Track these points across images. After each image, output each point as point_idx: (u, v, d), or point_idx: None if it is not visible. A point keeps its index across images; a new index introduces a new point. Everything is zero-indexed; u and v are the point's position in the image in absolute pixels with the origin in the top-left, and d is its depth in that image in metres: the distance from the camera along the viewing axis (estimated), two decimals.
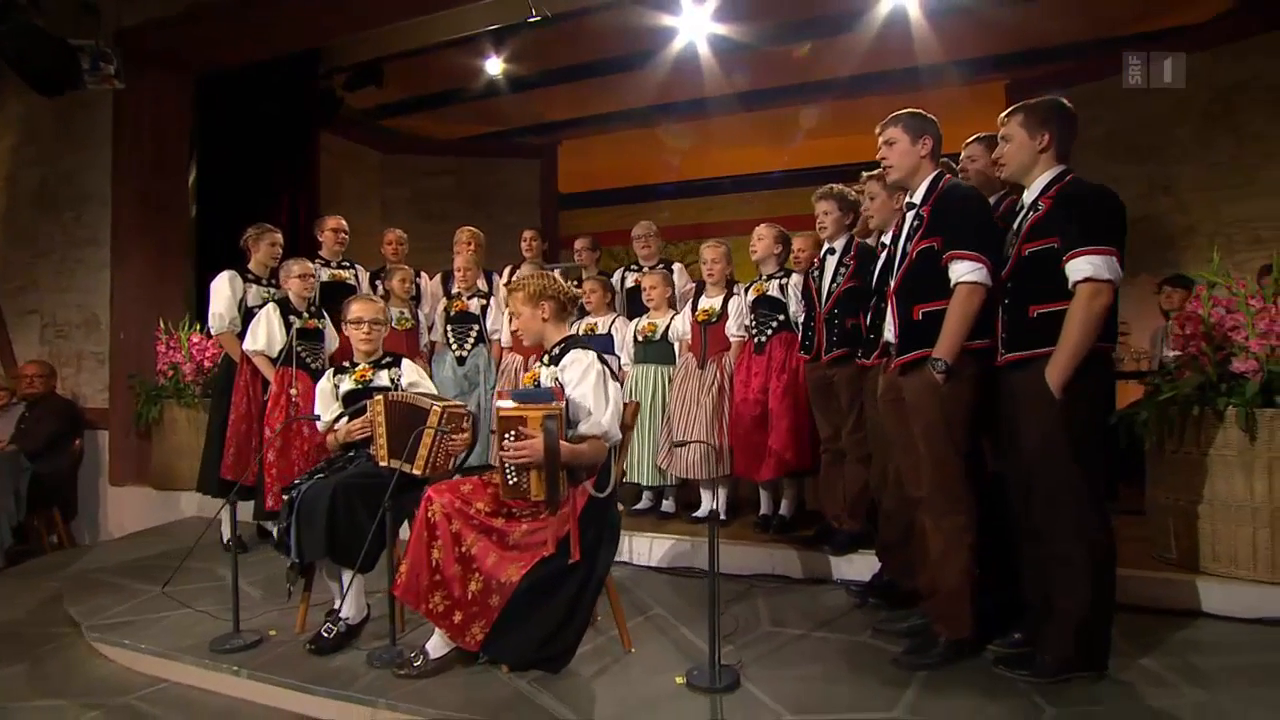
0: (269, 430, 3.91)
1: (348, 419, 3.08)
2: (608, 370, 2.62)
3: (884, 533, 3.14)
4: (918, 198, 2.63)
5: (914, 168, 2.62)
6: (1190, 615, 2.85)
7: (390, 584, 2.59)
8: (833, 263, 3.47)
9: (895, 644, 2.69)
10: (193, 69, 5.74)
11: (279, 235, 4.33)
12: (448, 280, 5.06)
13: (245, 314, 4.16)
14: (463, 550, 2.48)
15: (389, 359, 3.20)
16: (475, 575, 2.46)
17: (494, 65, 6.23)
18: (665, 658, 2.67)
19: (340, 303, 4.51)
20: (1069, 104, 2.46)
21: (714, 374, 4.00)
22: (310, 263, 4.19)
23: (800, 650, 2.71)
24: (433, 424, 2.77)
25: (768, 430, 3.80)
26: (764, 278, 3.97)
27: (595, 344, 4.48)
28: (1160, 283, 4.92)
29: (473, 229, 5.02)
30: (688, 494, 4.35)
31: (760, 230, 3.99)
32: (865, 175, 3.19)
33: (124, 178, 5.49)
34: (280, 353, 3.95)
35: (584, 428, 2.49)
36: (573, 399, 2.52)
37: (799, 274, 3.90)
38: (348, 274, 4.72)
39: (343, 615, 2.81)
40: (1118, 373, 4.40)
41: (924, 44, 5.85)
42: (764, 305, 3.91)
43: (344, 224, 4.67)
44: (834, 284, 3.43)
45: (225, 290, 4.12)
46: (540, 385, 2.70)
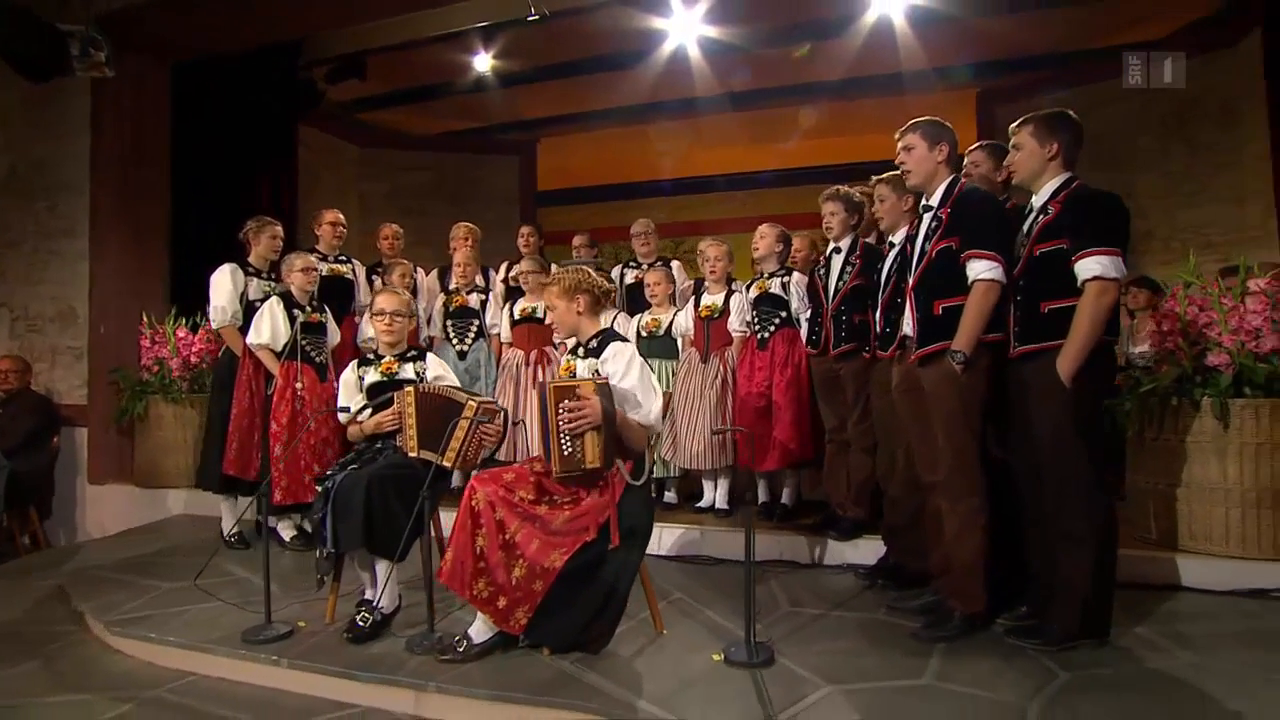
0: (275, 425, 3.90)
1: (371, 411, 3.12)
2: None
3: (890, 517, 3.32)
4: (934, 200, 2.80)
5: (931, 172, 2.80)
6: (1172, 589, 3.10)
7: (425, 573, 2.65)
8: (839, 261, 3.64)
9: (909, 620, 2.86)
10: (173, 56, 5.63)
11: (279, 228, 4.31)
12: (444, 275, 5.08)
13: (246, 308, 4.13)
14: (506, 537, 2.56)
15: (413, 352, 3.25)
16: (519, 561, 2.55)
17: (483, 62, 6.26)
18: (696, 638, 2.79)
19: (338, 298, 4.55)
20: (1075, 115, 2.66)
21: (717, 368, 4.14)
22: (312, 257, 4.19)
23: (822, 628, 2.86)
24: (468, 416, 2.83)
25: (771, 422, 3.95)
26: (765, 275, 4.11)
27: None
28: (1126, 284, 5.25)
29: (469, 225, 5.06)
30: (689, 485, 4.48)
31: (762, 230, 4.13)
32: (874, 179, 3.36)
33: (103, 166, 5.35)
34: (285, 347, 3.94)
35: (635, 416, 2.59)
36: (621, 390, 2.62)
37: (799, 272, 4.07)
38: (345, 268, 4.71)
39: (377, 605, 2.85)
40: None
41: (900, 52, 6.08)
42: (766, 302, 4.05)
43: (341, 218, 4.67)
44: (841, 281, 3.59)
45: (227, 283, 4.09)
46: (576, 376, 2.79)
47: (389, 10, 5.47)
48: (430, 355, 3.28)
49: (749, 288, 4.16)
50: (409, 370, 3.17)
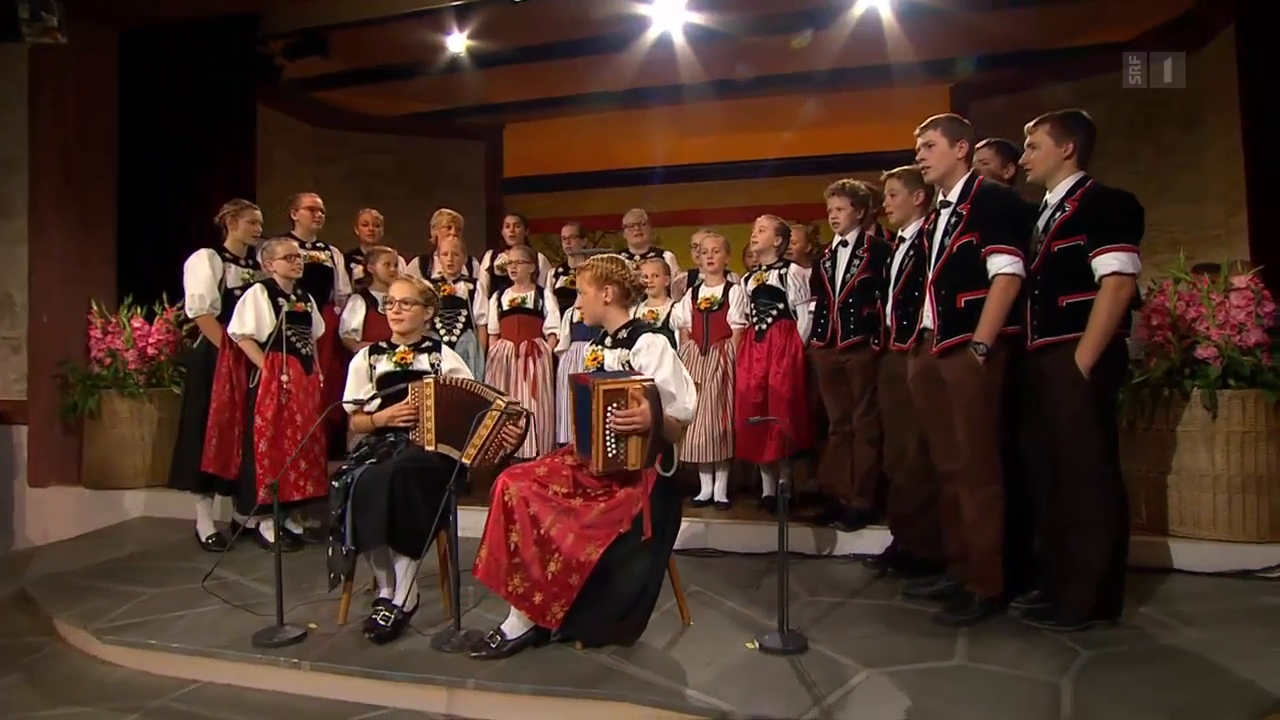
0: (259, 420, 3.84)
1: (382, 401, 3.12)
2: None
3: (897, 506, 3.50)
4: (953, 196, 2.98)
5: (950, 169, 2.97)
6: (1164, 571, 3.37)
7: (452, 570, 2.69)
8: (845, 255, 3.80)
9: (926, 606, 3.04)
10: (121, 23, 5.43)
11: (258, 212, 4.23)
12: (425, 264, 5.07)
13: (224, 296, 4.05)
14: (541, 532, 2.62)
15: (429, 343, 3.26)
16: (555, 556, 2.61)
17: (456, 42, 6.20)
18: (723, 628, 2.90)
19: (316, 286, 4.49)
20: (1089, 116, 2.87)
21: (717, 360, 4.27)
22: (295, 243, 4.13)
23: (844, 616, 3.01)
24: (495, 412, 2.87)
25: (769, 414, 4.09)
26: (763, 268, 4.25)
27: (594, 331, 4.68)
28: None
29: (452, 212, 5.05)
30: (686, 477, 4.59)
31: (761, 222, 4.27)
32: (884, 174, 3.52)
33: (43, 141, 5.13)
34: (269, 338, 3.88)
35: (669, 410, 2.68)
36: (655, 382, 2.70)
37: (797, 265, 4.23)
38: (323, 255, 4.65)
39: (396, 603, 2.87)
40: None
41: (875, 45, 6.32)
42: (764, 295, 4.19)
43: (319, 202, 4.59)
44: (848, 274, 3.75)
45: (204, 270, 3.99)
46: (605, 367, 2.86)
47: None
48: (446, 348, 3.30)
49: (747, 280, 4.29)
50: (424, 361, 3.18)
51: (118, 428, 4.91)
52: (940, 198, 3.04)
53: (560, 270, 5.09)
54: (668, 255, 4.90)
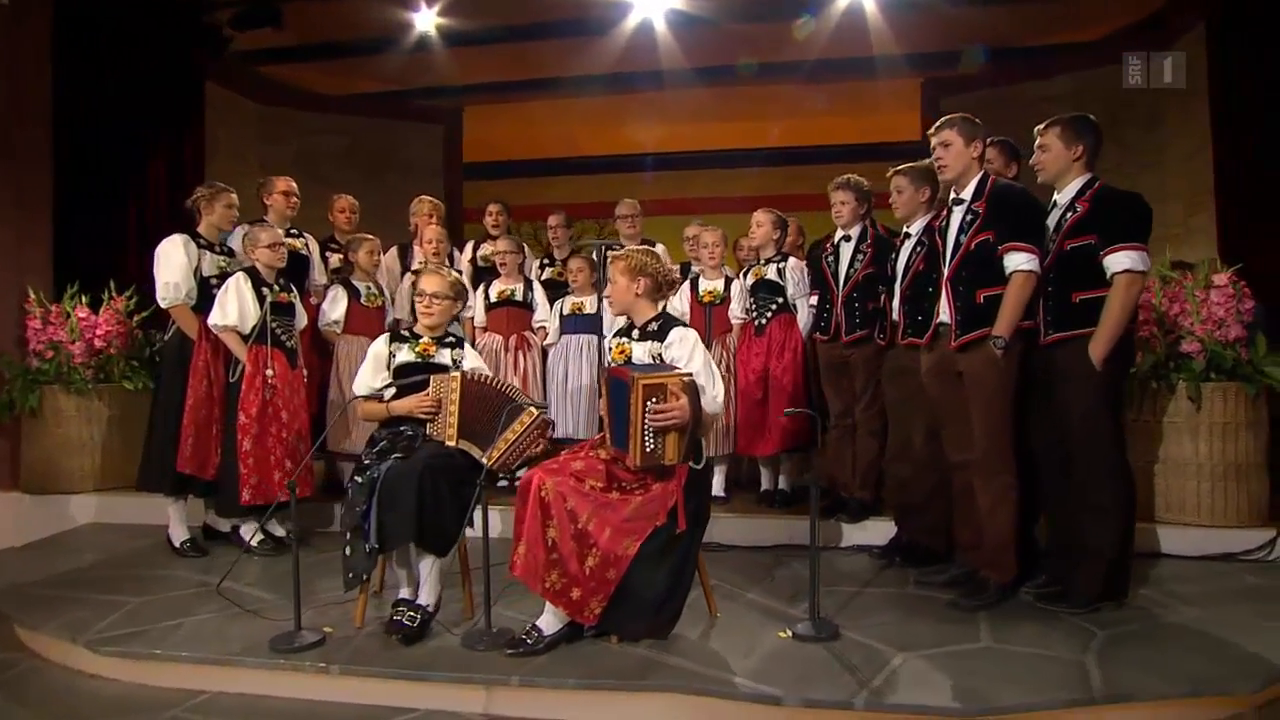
0: (243, 416, 3.80)
1: (397, 392, 3.15)
2: None
3: (901, 497, 3.74)
4: (967, 194, 3.20)
5: (966, 168, 3.19)
6: (1153, 556, 3.70)
7: (483, 566, 2.77)
8: (848, 249, 4.00)
9: (940, 593, 3.27)
10: None
11: (234, 196, 4.16)
12: (404, 253, 5.06)
13: (200, 284, 3.98)
14: (579, 527, 2.72)
15: (452, 338, 3.30)
16: (592, 550, 2.71)
17: (425, 19, 6.17)
18: (752, 619, 3.06)
19: (292, 275, 4.44)
20: (1095, 120, 3.13)
21: (719, 354, 4.42)
22: (279, 231, 4.09)
23: (863, 604, 3.22)
24: (529, 417, 2.96)
25: (768, 407, 4.27)
26: (762, 261, 4.43)
27: (585, 324, 4.77)
28: None
29: (433, 199, 5.07)
30: None
31: (759, 216, 4.43)
32: (891, 171, 3.73)
33: None
34: (253, 329, 3.85)
35: (701, 403, 2.81)
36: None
37: (794, 257, 4.42)
38: (298, 243, 4.59)
39: (421, 602, 2.92)
40: None
41: (849, 38, 6.59)
42: (763, 289, 4.37)
43: (294, 187, 4.53)
44: (852, 269, 3.95)
45: (179, 257, 3.91)
46: (633, 361, 2.98)
47: None
48: (468, 346, 3.35)
49: (746, 274, 4.46)
50: (445, 356, 3.22)
51: (63, 427, 4.74)
52: (953, 195, 3.26)
53: (545, 261, 5.15)
54: (659, 247, 5.01)
